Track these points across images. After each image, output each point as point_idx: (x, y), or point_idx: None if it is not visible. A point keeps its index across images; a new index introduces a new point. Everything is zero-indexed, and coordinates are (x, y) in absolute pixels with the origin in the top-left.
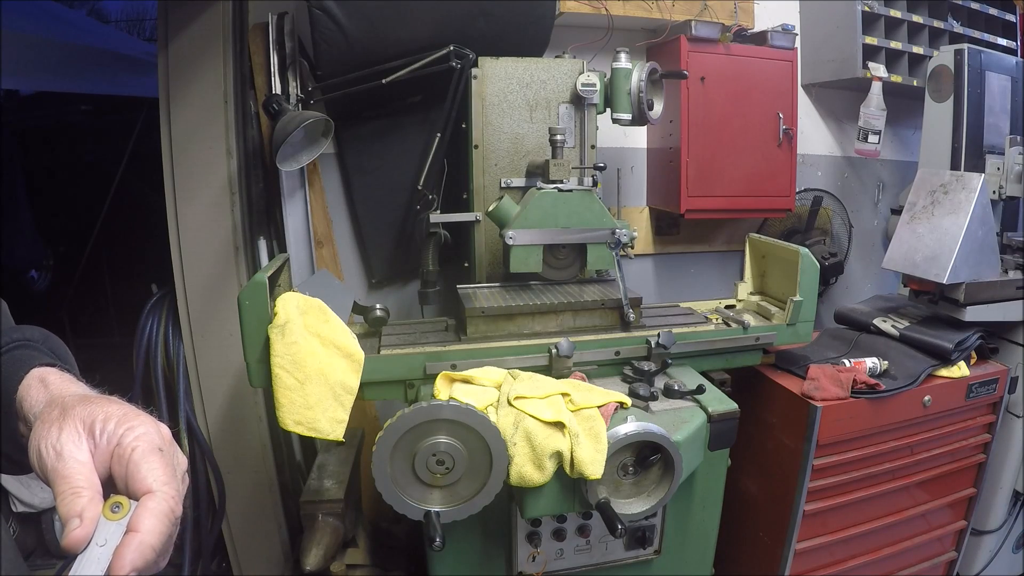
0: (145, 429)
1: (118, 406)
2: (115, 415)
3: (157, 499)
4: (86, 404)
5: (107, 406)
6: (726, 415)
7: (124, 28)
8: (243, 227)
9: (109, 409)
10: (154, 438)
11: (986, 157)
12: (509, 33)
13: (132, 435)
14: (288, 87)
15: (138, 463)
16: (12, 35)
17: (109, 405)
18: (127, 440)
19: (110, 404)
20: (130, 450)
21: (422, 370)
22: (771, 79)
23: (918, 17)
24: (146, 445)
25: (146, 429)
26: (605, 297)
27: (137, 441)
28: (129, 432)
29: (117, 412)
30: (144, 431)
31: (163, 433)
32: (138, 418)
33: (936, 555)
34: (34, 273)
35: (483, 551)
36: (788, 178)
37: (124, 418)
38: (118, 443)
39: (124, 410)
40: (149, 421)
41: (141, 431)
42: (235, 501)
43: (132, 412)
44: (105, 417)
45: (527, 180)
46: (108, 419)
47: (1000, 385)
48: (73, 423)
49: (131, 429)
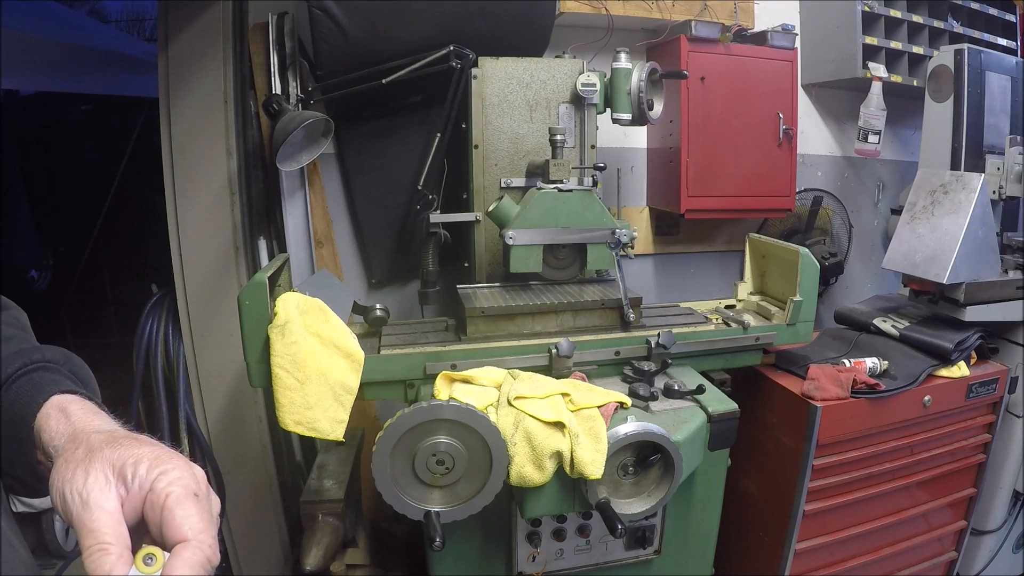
0: (180, 473)
1: (149, 447)
2: (146, 458)
3: (192, 548)
4: (114, 446)
5: (137, 448)
6: (726, 415)
7: (124, 28)
8: (243, 227)
9: (140, 451)
10: (189, 482)
11: (986, 157)
12: (509, 33)
13: (166, 480)
14: (288, 87)
15: (172, 510)
16: (12, 35)
17: (140, 447)
18: (160, 485)
19: (140, 445)
20: (164, 496)
21: (422, 370)
22: (771, 79)
23: (918, 17)
24: (181, 491)
25: (180, 473)
26: (605, 297)
27: (171, 487)
28: (163, 477)
29: (148, 454)
30: (178, 475)
31: (198, 476)
32: (171, 461)
33: (936, 555)
34: (34, 273)
35: (483, 551)
36: (788, 178)
37: (156, 461)
38: (151, 488)
39: (156, 452)
40: (183, 464)
41: (175, 476)
42: (235, 501)
43: (165, 454)
44: (136, 460)
45: (527, 180)
46: (139, 462)
47: (1000, 385)
48: (101, 466)
49: (164, 473)
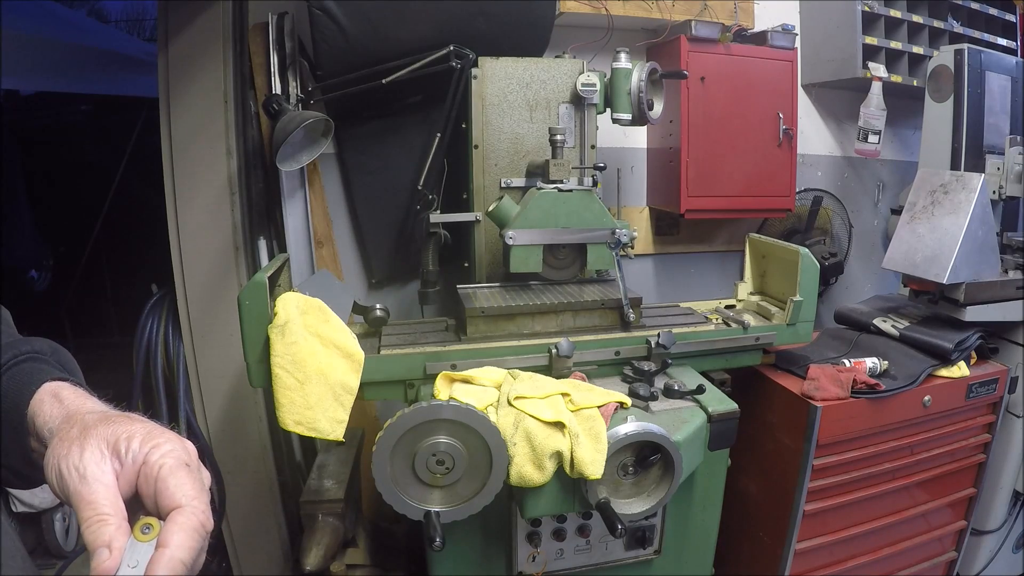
0: (171, 446)
1: (141, 424)
2: (139, 433)
3: (186, 513)
4: (107, 423)
5: (130, 424)
6: (726, 415)
7: (124, 28)
8: (243, 227)
9: (132, 427)
10: (180, 454)
11: (986, 157)
12: (509, 33)
13: (158, 453)
14: (288, 87)
15: (166, 479)
16: (12, 35)
17: (132, 423)
18: (153, 458)
19: (132, 422)
20: (157, 468)
21: (422, 370)
22: (771, 79)
23: (918, 17)
24: (173, 461)
25: (172, 446)
26: (605, 297)
27: (164, 458)
28: (155, 450)
29: (141, 430)
30: (170, 448)
31: (189, 449)
32: (163, 435)
33: (936, 555)
34: (34, 273)
35: (483, 551)
36: (788, 178)
37: (149, 436)
38: (144, 461)
39: (148, 428)
40: (174, 438)
41: (167, 448)
42: (235, 501)
43: (156, 429)
44: (129, 436)
45: (527, 180)
46: (132, 437)
47: (1000, 385)
48: (96, 442)
49: (157, 447)
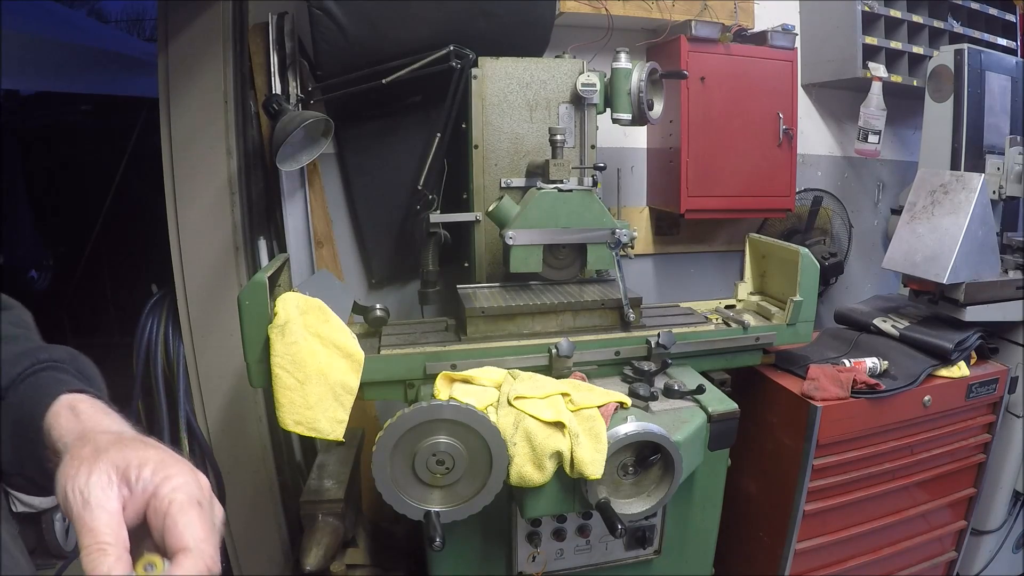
0: (184, 480)
1: (155, 451)
2: (152, 461)
3: (193, 558)
4: (120, 447)
5: (143, 450)
6: (726, 415)
7: (124, 28)
8: (243, 227)
9: (145, 454)
10: (193, 490)
11: (986, 157)
12: (509, 33)
13: (169, 485)
14: (288, 87)
15: (175, 517)
16: (12, 35)
17: (146, 449)
18: (164, 491)
19: (147, 448)
20: (167, 503)
21: (422, 370)
22: (771, 79)
23: (918, 17)
24: (184, 498)
25: (184, 480)
26: (605, 297)
27: (175, 493)
28: (166, 482)
29: (154, 458)
30: (182, 482)
31: (202, 483)
32: (176, 466)
33: (936, 555)
34: (34, 273)
35: (483, 551)
36: (788, 178)
37: (161, 465)
38: (154, 494)
39: (161, 456)
40: (188, 470)
41: (179, 482)
42: (235, 501)
43: (170, 458)
44: (140, 463)
45: (527, 180)
46: (144, 465)
47: (1000, 385)
48: (105, 466)
49: (168, 479)
